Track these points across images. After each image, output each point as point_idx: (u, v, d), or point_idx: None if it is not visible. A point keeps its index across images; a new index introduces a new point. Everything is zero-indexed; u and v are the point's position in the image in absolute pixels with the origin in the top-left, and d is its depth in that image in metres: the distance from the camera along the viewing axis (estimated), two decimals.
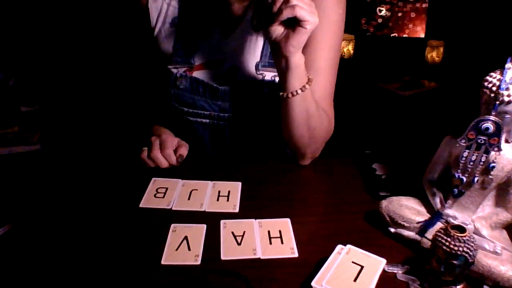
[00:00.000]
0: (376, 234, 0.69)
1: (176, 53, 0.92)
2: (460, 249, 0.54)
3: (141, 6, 0.94)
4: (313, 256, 0.64)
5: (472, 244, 0.55)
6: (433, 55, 2.32)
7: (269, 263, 0.63)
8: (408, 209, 0.68)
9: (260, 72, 0.90)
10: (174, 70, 0.92)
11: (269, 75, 0.90)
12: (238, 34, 0.90)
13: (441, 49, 2.31)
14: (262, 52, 0.90)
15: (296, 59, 0.74)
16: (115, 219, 0.74)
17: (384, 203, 0.70)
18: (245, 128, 0.96)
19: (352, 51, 2.41)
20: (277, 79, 0.86)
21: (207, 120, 0.94)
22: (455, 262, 0.54)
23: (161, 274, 0.61)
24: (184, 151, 0.88)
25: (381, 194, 0.77)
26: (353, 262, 0.60)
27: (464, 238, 0.54)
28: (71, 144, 1.32)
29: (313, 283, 0.57)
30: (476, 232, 0.63)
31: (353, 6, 2.43)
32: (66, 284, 0.61)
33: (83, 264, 0.64)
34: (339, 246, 0.63)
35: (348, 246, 0.63)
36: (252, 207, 0.77)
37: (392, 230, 0.68)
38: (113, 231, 0.71)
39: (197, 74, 0.91)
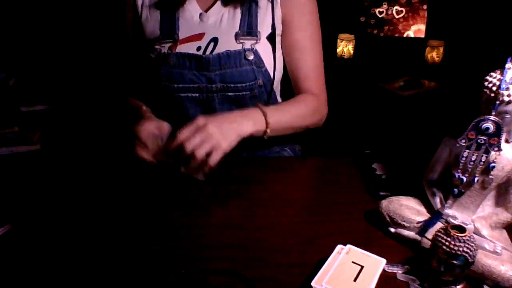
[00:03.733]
0: (376, 234, 0.69)
1: (161, 30, 0.96)
2: (460, 249, 0.54)
3: None
4: (313, 256, 0.64)
5: (472, 244, 0.55)
6: (433, 55, 2.32)
7: (269, 263, 0.64)
8: (408, 209, 0.68)
9: (240, 41, 0.95)
10: (160, 48, 0.96)
11: (249, 43, 0.95)
12: (217, 7, 0.96)
13: (441, 49, 2.31)
14: (240, 23, 0.95)
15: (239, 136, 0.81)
16: (114, 219, 0.74)
17: (384, 203, 0.70)
18: (234, 101, 0.98)
19: (352, 51, 2.41)
20: (256, 46, 0.94)
21: (197, 94, 0.97)
22: (455, 262, 0.54)
23: (161, 274, 0.61)
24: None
25: (381, 194, 0.77)
26: (353, 262, 0.60)
27: (464, 238, 0.54)
28: (71, 144, 1.31)
29: (313, 283, 0.57)
30: (476, 232, 0.63)
31: (352, 6, 2.44)
32: (66, 284, 0.61)
33: (83, 264, 0.64)
34: (339, 246, 0.63)
35: (348, 246, 0.63)
36: (252, 207, 0.77)
37: (392, 230, 0.68)
38: (112, 231, 0.71)
39: (180, 48, 0.95)
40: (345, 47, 2.40)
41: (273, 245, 0.67)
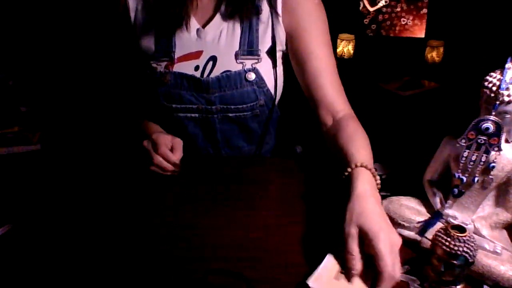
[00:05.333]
0: None
1: (156, 47, 0.92)
2: (460, 249, 0.54)
3: (120, 6, 0.95)
4: (313, 256, 0.64)
5: (472, 244, 0.55)
6: (433, 55, 2.32)
7: (269, 263, 0.63)
8: (408, 209, 0.68)
9: (240, 61, 0.90)
10: (156, 66, 0.93)
11: (249, 63, 0.91)
12: (215, 23, 0.91)
13: (441, 49, 2.31)
14: (240, 41, 0.90)
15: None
16: (114, 219, 0.74)
17: (384, 203, 0.70)
18: (234, 120, 0.96)
19: (352, 51, 2.41)
20: (257, 66, 0.90)
21: (196, 115, 0.94)
22: (455, 262, 0.54)
23: (161, 274, 0.61)
24: (178, 153, 0.86)
25: (381, 194, 0.77)
26: None
27: (464, 238, 0.54)
28: (71, 144, 1.31)
29: (309, 282, 0.57)
30: (476, 232, 0.63)
31: (353, 6, 2.44)
32: (66, 284, 0.61)
33: (83, 264, 0.64)
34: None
35: None
36: (252, 207, 0.77)
37: None
38: (112, 231, 0.71)
39: (178, 67, 0.91)
40: (345, 47, 2.40)
41: (273, 245, 0.67)
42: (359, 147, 0.78)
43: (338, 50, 2.42)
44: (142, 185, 0.85)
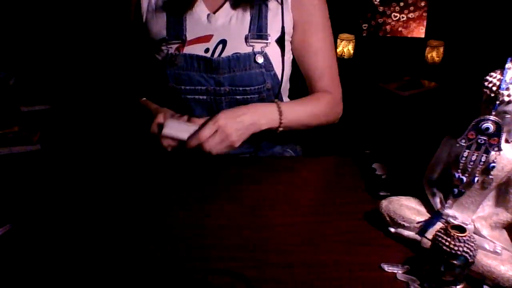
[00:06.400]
0: (376, 234, 0.69)
1: (168, 32, 0.95)
2: (460, 249, 0.54)
3: None
4: (313, 256, 0.64)
5: (472, 244, 0.55)
6: (433, 55, 2.32)
7: (269, 263, 0.64)
8: (408, 209, 0.68)
9: (250, 44, 0.94)
10: (167, 49, 0.95)
11: (259, 46, 0.94)
12: (226, 9, 0.95)
13: (441, 49, 2.31)
14: (250, 25, 0.94)
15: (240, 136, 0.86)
16: (115, 219, 0.74)
17: (384, 203, 0.70)
18: (241, 103, 0.96)
19: (352, 51, 2.41)
20: (266, 50, 0.94)
21: (204, 97, 0.96)
22: (455, 262, 0.54)
23: (161, 274, 0.61)
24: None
25: (381, 194, 0.77)
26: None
27: (464, 238, 0.54)
28: (71, 144, 1.31)
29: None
30: (476, 232, 0.63)
31: (354, 6, 2.44)
32: (66, 284, 0.61)
33: (83, 264, 0.64)
34: None
35: None
36: (252, 207, 0.77)
37: (392, 230, 0.68)
38: (112, 231, 0.71)
39: (188, 49, 0.94)
40: (345, 47, 2.40)
41: (273, 245, 0.67)
42: (298, 101, 0.98)
43: (338, 50, 2.42)
44: (142, 185, 0.85)
